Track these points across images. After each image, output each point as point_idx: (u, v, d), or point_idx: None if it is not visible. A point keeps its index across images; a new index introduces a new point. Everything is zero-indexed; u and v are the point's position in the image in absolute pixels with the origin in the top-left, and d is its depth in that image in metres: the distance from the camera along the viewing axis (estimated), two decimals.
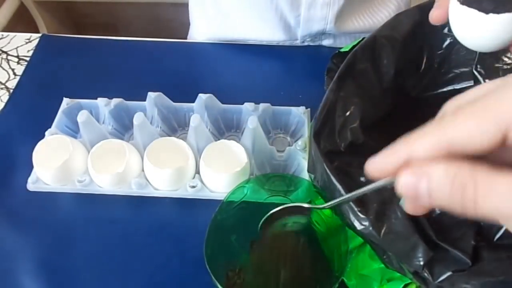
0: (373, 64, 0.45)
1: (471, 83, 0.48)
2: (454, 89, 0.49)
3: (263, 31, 0.68)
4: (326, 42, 0.70)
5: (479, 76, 0.47)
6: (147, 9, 1.42)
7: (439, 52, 0.49)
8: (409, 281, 0.41)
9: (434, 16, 0.40)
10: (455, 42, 0.48)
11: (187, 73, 0.66)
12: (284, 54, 0.69)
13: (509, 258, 0.34)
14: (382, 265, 0.40)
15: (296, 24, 0.66)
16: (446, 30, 0.48)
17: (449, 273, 0.34)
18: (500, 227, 0.36)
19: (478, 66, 0.47)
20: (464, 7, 0.35)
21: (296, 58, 0.68)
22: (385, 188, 0.26)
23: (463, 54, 0.48)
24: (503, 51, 0.46)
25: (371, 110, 0.44)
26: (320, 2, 0.63)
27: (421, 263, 0.35)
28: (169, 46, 0.71)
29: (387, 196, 0.37)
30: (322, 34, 0.68)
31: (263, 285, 0.43)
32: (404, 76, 0.48)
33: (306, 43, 0.70)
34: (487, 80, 0.47)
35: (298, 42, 0.69)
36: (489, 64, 0.47)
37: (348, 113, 0.43)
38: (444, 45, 0.49)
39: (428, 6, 0.47)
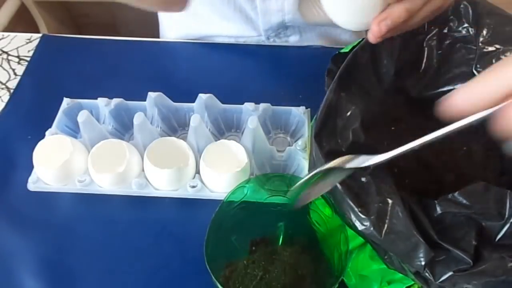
0: (373, 65, 0.45)
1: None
2: (454, 89, 0.49)
3: (226, 26, 0.68)
4: (293, 38, 0.70)
5: (477, 74, 0.47)
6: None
7: (439, 51, 0.49)
8: (410, 283, 0.41)
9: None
10: (455, 42, 0.48)
11: (187, 73, 0.66)
12: (284, 54, 0.69)
13: (510, 258, 0.34)
14: (382, 266, 0.40)
15: (256, 17, 0.66)
16: (445, 30, 0.48)
17: (450, 273, 0.34)
18: (502, 227, 0.36)
19: (478, 65, 0.47)
20: None
21: (296, 58, 0.68)
22: (384, 188, 0.27)
23: (462, 53, 0.48)
24: (503, 50, 0.46)
25: (372, 110, 0.44)
26: None
27: (422, 263, 0.35)
28: (169, 46, 0.71)
29: (388, 196, 0.37)
30: (286, 28, 0.68)
31: (262, 285, 0.43)
32: (404, 76, 0.48)
33: (271, 39, 0.69)
34: None
35: (263, 38, 0.69)
36: (489, 64, 0.46)
37: (349, 114, 0.43)
38: (444, 45, 0.48)
39: None
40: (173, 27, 0.74)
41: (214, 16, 0.68)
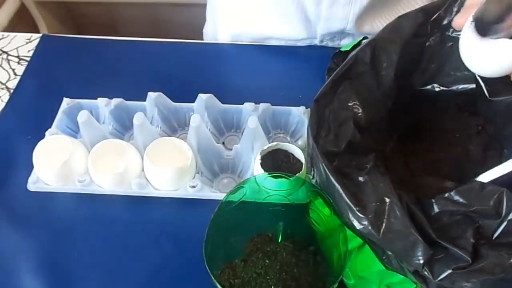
0: (373, 67, 0.45)
1: (472, 85, 0.48)
2: (455, 92, 0.49)
3: (284, 26, 0.68)
4: (345, 41, 0.70)
5: (480, 81, 0.46)
6: (147, 9, 1.42)
7: (440, 54, 0.49)
8: (410, 287, 0.41)
9: (457, 24, 0.43)
10: (457, 45, 0.48)
11: (187, 73, 0.66)
12: (284, 54, 0.69)
13: (509, 255, 0.34)
14: (381, 268, 0.40)
15: (317, 21, 0.66)
16: (448, 33, 0.48)
17: (449, 271, 0.34)
18: (499, 226, 0.36)
19: None
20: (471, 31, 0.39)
21: (296, 58, 0.68)
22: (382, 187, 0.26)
23: None
24: None
25: (370, 112, 0.44)
26: (342, 1, 0.62)
27: (421, 261, 0.35)
28: (169, 46, 0.71)
29: (385, 195, 0.37)
30: (342, 33, 0.68)
31: (261, 285, 0.43)
32: (404, 78, 0.48)
33: (324, 42, 0.70)
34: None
35: (317, 41, 0.69)
36: None
37: (346, 115, 0.43)
38: (446, 47, 0.48)
39: (431, 9, 0.47)
40: (226, 28, 0.74)
41: (273, 15, 0.68)
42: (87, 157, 0.53)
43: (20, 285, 0.47)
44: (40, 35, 0.72)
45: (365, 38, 0.53)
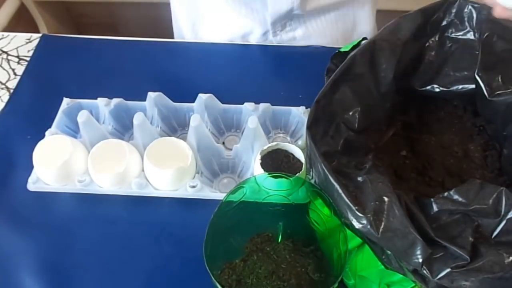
0: (371, 69, 0.45)
1: (472, 85, 0.48)
2: (454, 92, 0.49)
3: (234, 21, 0.68)
4: (299, 32, 0.70)
5: (480, 81, 0.46)
6: (147, 9, 1.42)
7: (440, 55, 0.49)
8: (409, 286, 0.41)
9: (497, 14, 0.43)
10: (457, 46, 0.48)
11: (187, 73, 0.66)
12: (284, 54, 0.69)
13: (507, 254, 0.34)
14: (381, 267, 0.40)
15: (263, 8, 0.66)
16: (447, 34, 0.48)
17: (448, 270, 0.34)
18: (498, 224, 0.36)
19: (480, 70, 0.47)
20: None
21: (296, 58, 0.68)
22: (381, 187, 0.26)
23: (464, 58, 0.48)
24: (506, 56, 0.45)
25: (368, 113, 0.45)
26: None
27: (420, 260, 0.35)
28: (169, 46, 0.71)
29: (384, 195, 0.37)
30: (291, 19, 0.68)
31: (262, 285, 0.43)
32: (403, 79, 0.48)
33: (278, 35, 0.70)
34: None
35: (270, 35, 0.70)
36: (491, 69, 0.46)
37: (344, 115, 0.43)
38: (445, 49, 0.48)
39: (430, 10, 0.47)
40: (189, 28, 0.75)
41: (221, 12, 0.68)
42: (87, 157, 0.53)
43: (20, 285, 0.48)
44: (40, 35, 0.72)
45: (364, 39, 0.53)
